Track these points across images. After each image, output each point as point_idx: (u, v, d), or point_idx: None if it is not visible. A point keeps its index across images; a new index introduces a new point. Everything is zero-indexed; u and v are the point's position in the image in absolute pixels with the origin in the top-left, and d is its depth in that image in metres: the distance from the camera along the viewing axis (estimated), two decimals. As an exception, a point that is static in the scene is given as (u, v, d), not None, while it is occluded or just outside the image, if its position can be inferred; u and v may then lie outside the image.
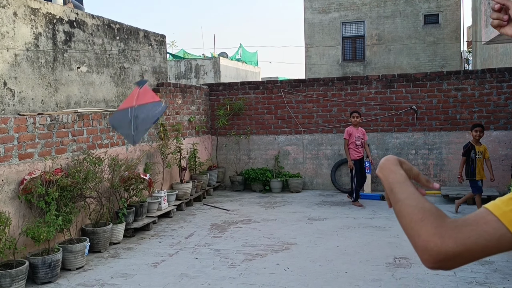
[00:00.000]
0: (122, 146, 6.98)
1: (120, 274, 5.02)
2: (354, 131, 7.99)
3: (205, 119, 10.02)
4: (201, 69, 19.36)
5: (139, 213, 6.75)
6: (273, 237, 6.28)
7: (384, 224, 6.79)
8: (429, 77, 9.02)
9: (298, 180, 9.50)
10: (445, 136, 8.93)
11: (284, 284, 4.60)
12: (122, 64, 7.42)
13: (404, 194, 1.06)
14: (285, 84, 9.82)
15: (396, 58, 18.26)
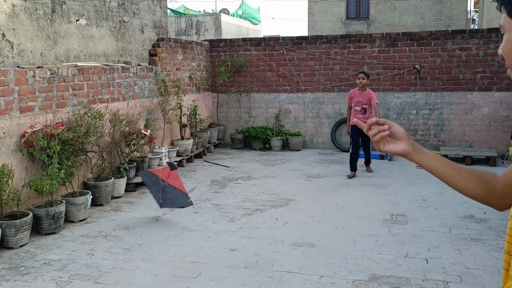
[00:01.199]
0: (122, 102, 6.96)
1: (122, 227, 5.13)
2: (356, 94, 7.25)
3: (206, 75, 9.93)
4: (202, 26, 19.03)
5: (140, 168, 6.81)
6: (273, 193, 6.36)
7: (383, 182, 6.87)
8: (433, 36, 8.87)
9: (298, 139, 9.53)
10: (447, 97, 8.89)
11: (283, 238, 4.71)
12: (122, 17, 7.28)
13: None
14: (287, 41, 9.67)
15: (401, 17, 17.90)
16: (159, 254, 4.37)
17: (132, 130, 6.55)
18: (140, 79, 7.43)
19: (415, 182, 6.83)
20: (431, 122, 9.01)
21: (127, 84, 7.08)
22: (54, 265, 4.15)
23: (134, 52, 7.63)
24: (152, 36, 8.12)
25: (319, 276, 3.86)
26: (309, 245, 4.53)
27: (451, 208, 5.57)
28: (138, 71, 7.38)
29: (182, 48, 8.87)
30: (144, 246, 4.56)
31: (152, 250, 4.47)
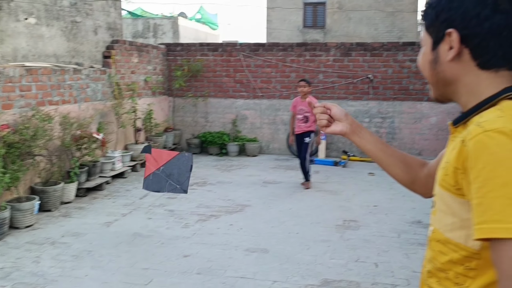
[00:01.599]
0: (74, 104, 6.74)
1: (72, 233, 4.96)
2: (299, 102, 6.93)
3: (162, 79, 9.80)
4: (159, 29, 18.79)
5: (92, 172, 6.62)
6: (228, 199, 6.35)
7: (336, 188, 7.00)
8: (385, 47, 9.17)
9: (254, 144, 9.57)
10: (398, 106, 9.19)
11: (237, 244, 4.70)
12: (74, 17, 7.07)
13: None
14: (244, 48, 9.72)
15: (355, 27, 18.39)
16: (110, 261, 4.25)
17: (83, 134, 6.36)
18: (93, 81, 7.23)
19: (367, 189, 7.00)
20: (383, 130, 9.29)
21: (79, 86, 6.87)
22: (-4, 274, 3.94)
23: (87, 53, 7.43)
24: (106, 37, 7.94)
25: (272, 281, 3.87)
26: (263, 250, 4.54)
27: (400, 214, 5.74)
28: (91, 73, 7.19)
29: (137, 51, 8.71)
30: (94, 253, 4.42)
31: (102, 257, 4.34)
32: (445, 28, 1.08)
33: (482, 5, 1.02)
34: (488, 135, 0.93)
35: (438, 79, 1.14)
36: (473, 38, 1.04)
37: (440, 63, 1.12)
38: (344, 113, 1.48)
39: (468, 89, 1.09)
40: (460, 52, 1.07)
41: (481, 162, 0.92)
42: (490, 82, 1.06)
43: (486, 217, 0.90)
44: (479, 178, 0.92)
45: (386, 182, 7.40)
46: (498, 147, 0.91)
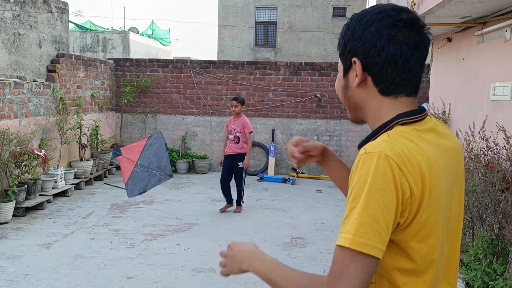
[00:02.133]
0: (14, 119, 6.45)
1: (7, 256, 4.69)
2: (231, 122, 6.56)
3: (110, 95, 9.59)
4: (109, 43, 18.44)
5: (32, 191, 6.33)
6: (176, 217, 6.24)
7: (284, 206, 7.06)
8: (333, 67, 9.44)
9: (204, 162, 9.51)
10: (344, 124, 9.45)
11: (183, 264, 4.61)
12: (17, 30, 6.82)
13: (283, 280, 1.12)
14: (195, 64, 9.71)
15: (305, 47, 18.85)
16: (48, 284, 4.05)
17: (23, 150, 6.08)
18: (35, 96, 6.96)
19: (315, 206, 7.11)
20: (331, 148, 9.50)
21: (20, 101, 6.59)
22: None
23: (30, 67, 7.16)
24: (51, 51, 7.69)
25: (218, 302, 3.82)
26: (210, 270, 4.48)
27: (346, 231, 5.85)
28: (34, 87, 6.92)
29: (84, 65, 8.50)
30: (31, 277, 4.20)
31: (40, 281, 4.13)
32: (351, 56, 1.17)
33: (378, 37, 1.11)
34: (364, 157, 1.04)
35: (349, 103, 1.23)
36: (373, 67, 1.14)
37: (350, 89, 1.21)
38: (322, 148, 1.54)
39: (373, 113, 1.18)
40: (365, 79, 1.16)
41: (355, 180, 1.04)
42: (391, 107, 1.15)
43: (344, 228, 1.03)
44: (352, 194, 1.04)
45: (333, 199, 7.55)
46: (367, 169, 1.02)
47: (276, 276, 1.14)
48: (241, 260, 1.26)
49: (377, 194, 1.00)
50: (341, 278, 0.99)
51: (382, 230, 1.00)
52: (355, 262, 0.99)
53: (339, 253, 1.01)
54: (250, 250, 1.27)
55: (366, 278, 0.99)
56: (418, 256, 1.08)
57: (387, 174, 1.00)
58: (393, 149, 1.03)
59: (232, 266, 1.29)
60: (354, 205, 1.02)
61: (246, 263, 1.24)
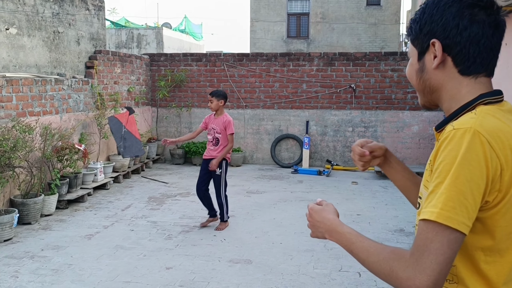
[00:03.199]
0: (55, 115, 6.67)
1: (52, 246, 4.87)
2: (211, 120, 5.53)
3: (145, 90, 9.77)
4: (143, 39, 18.75)
5: (73, 184, 6.54)
6: (211, 209, 6.31)
7: (320, 198, 7.01)
8: (368, 57, 9.28)
9: (238, 154, 9.56)
10: (380, 115, 9.29)
11: (220, 255, 4.67)
12: (56, 27, 7.02)
13: (364, 253, 1.13)
14: (228, 58, 9.74)
15: (339, 38, 18.59)
16: (91, 274, 4.18)
17: (65, 145, 6.28)
18: (75, 92, 7.17)
19: (351, 198, 7.03)
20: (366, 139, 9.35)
21: (61, 97, 6.81)
22: (-28, 289, 3.85)
23: (69, 64, 7.37)
24: (89, 48, 7.89)
25: (255, 292, 3.85)
26: (247, 261, 4.52)
27: (383, 223, 5.78)
28: (73, 83, 7.13)
29: (120, 61, 8.68)
30: (75, 267, 4.35)
31: (83, 270, 4.27)
32: (428, 39, 1.18)
33: (460, 17, 1.13)
34: (454, 133, 1.03)
35: (424, 86, 1.23)
36: (454, 47, 1.14)
37: (426, 72, 1.21)
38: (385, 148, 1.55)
39: (451, 95, 1.18)
40: (444, 60, 1.16)
41: (443, 155, 1.03)
42: (471, 88, 1.15)
43: (429, 203, 1.01)
44: (438, 169, 1.03)
45: (369, 191, 7.45)
46: (456, 144, 1.01)
47: (357, 249, 1.15)
48: (322, 231, 1.29)
49: (466, 169, 0.99)
50: (425, 252, 0.98)
51: (470, 206, 0.98)
52: (440, 237, 0.97)
53: (423, 227, 1.00)
54: (329, 221, 1.28)
55: (451, 254, 0.98)
56: (503, 235, 1.06)
57: (478, 150, 1.00)
58: (482, 125, 1.04)
59: (316, 233, 1.32)
60: (440, 180, 1.01)
61: (328, 234, 1.27)
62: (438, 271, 0.97)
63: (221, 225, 5.51)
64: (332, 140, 9.47)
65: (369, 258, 1.11)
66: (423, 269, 0.98)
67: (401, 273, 1.01)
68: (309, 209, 1.36)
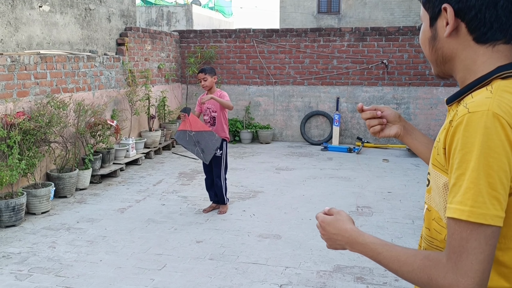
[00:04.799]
0: (88, 91, 6.79)
1: (86, 219, 5.02)
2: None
3: (175, 66, 9.81)
4: (173, 17, 18.75)
5: (106, 159, 6.69)
6: (241, 185, 6.36)
7: (350, 175, 6.96)
8: (401, 31, 9.01)
9: (268, 132, 9.55)
10: (413, 91, 9.06)
11: (250, 230, 4.71)
12: (87, 5, 7.09)
13: (395, 264, 1.05)
14: (258, 34, 9.64)
15: (371, 12, 18.10)
16: (124, 246, 4.30)
17: (97, 121, 6.41)
18: (106, 69, 7.26)
19: (381, 175, 6.94)
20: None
21: (93, 74, 6.91)
22: (13, 258, 4.02)
23: (101, 41, 7.45)
24: (119, 25, 7.95)
25: (284, 267, 3.88)
26: (276, 236, 4.54)
27: (414, 200, 5.69)
28: (105, 60, 7.22)
29: (150, 38, 8.72)
30: (108, 239, 4.48)
31: (117, 242, 4.39)
32: (440, 3, 1.07)
33: None
34: (470, 117, 0.94)
35: (437, 56, 1.13)
36: (468, 11, 1.02)
37: (438, 39, 1.10)
38: (398, 115, 1.44)
39: (465, 65, 1.07)
40: (457, 27, 1.05)
41: (460, 143, 0.94)
42: (487, 58, 1.04)
43: (453, 198, 0.94)
44: (456, 159, 0.94)
45: (400, 168, 7.33)
46: (475, 131, 0.92)
47: (385, 259, 1.07)
48: (341, 243, 1.19)
49: (490, 157, 0.91)
50: (463, 253, 0.92)
51: (500, 196, 0.91)
52: (476, 235, 0.91)
53: (455, 227, 0.93)
54: (347, 233, 1.17)
55: (491, 250, 0.92)
56: None
57: (500, 135, 0.91)
58: (500, 106, 0.93)
59: (334, 245, 1.22)
60: (462, 172, 0.93)
61: (349, 246, 1.17)
62: (481, 271, 0.91)
63: (223, 208, 5.29)
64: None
65: (402, 268, 1.03)
66: (464, 272, 0.91)
67: (441, 280, 0.94)
68: (320, 221, 1.24)
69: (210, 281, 3.64)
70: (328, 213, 1.27)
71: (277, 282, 3.62)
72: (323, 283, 3.62)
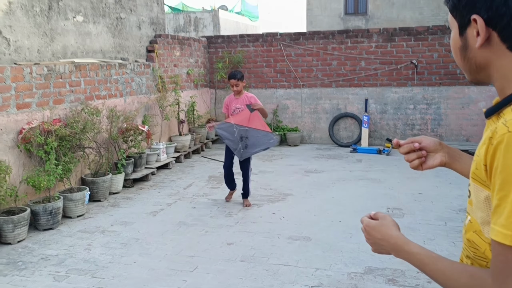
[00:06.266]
0: (120, 98, 6.97)
1: (120, 222, 5.16)
2: (233, 101, 5.67)
3: (204, 72, 9.95)
4: (200, 23, 19.00)
5: (138, 164, 6.84)
6: (270, 188, 6.39)
7: (379, 177, 6.89)
8: (431, 30, 8.88)
9: (296, 134, 9.55)
10: (444, 91, 8.90)
11: (279, 232, 4.73)
12: (119, 14, 7.29)
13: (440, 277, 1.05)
14: (284, 37, 9.68)
15: (399, 12, 17.87)
16: (156, 248, 4.40)
17: (129, 126, 6.57)
18: (137, 76, 7.44)
19: (412, 176, 6.85)
20: (429, 116, 9.03)
21: (125, 81, 7.09)
22: (51, 260, 4.17)
23: (131, 48, 7.64)
24: (149, 32, 8.13)
25: (315, 269, 3.89)
26: (306, 238, 4.55)
27: (446, 202, 5.59)
28: (136, 67, 7.39)
29: (179, 45, 8.88)
30: (141, 241, 4.59)
31: (149, 244, 4.50)
32: (468, 12, 1.01)
33: None
34: (510, 137, 0.90)
35: (470, 65, 1.07)
36: (500, 20, 0.96)
37: (470, 49, 1.04)
38: (438, 142, 1.37)
39: (502, 74, 1.01)
40: (489, 36, 0.99)
41: (502, 164, 0.91)
42: None
43: (497, 219, 0.92)
44: (498, 180, 0.92)
45: (432, 169, 7.20)
46: None
47: (431, 271, 1.07)
48: (387, 249, 1.18)
49: None
50: (509, 277, 0.91)
51: None
52: None
53: (500, 250, 0.92)
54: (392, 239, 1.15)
55: None
56: None
57: None
58: None
59: (380, 250, 1.22)
60: (505, 194, 0.90)
61: (394, 253, 1.16)
62: None
63: (247, 201, 5.70)
64: (393, 118, 9.21)
65: (447, 282, 1.03)
66: None
67: None
68: (364, 226, 1.22)
69: (241, 282, 3.68)
70: (373, 217, 1.25)
71: (307, 284, 3.63)
72: (354, 285, 3.61)
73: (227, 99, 5.78)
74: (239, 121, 5.33)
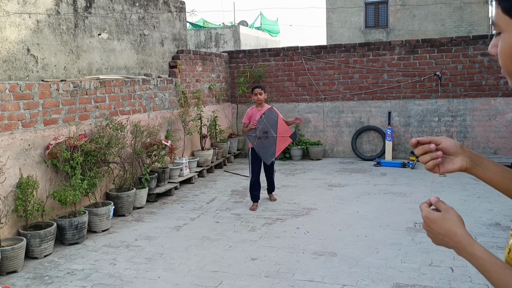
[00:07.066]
0: (143, 113, 7.05)
1: (144, 237, 5.17)
2: (256, 112, 6.15)
3: (225, 86, 10.01)
4: (221, 38, 19.21)
5: (161, 178, 6.87)
6: (293, 202, 6.33)
7: (405, 190, 6.76)
8: (454, 42, 8.76)
9: (318, 148, 9.49)
10: (469, 103, 8.74)
11: (304, 247, 4.67)
12: (142, 31, 7.41)
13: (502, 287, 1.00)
14: (305, 51, 9.68)
15: (420, 24, 17.73)
16: (180, 263, 4.38)
17: (153, 141, 6.62)
18: (160, 91, 7.52)
19: (438, 190, 6.70)
20: (454, 129, 8.86)
21: (148, 96, 7.18)
22: (77, 274, 4.19)
23: (155, 64, 7.75)
24: (172, 48, 8.24)
25: (341, 285, 3.80)
26: (331, 254, 4.48)
27: (476, 216, 5.44)
28: (159, 83, 7.48)
29: (201, 60, 8.96)
30: (166, 256, 4.58)
31: (173, 259, 4.48)
32: None
33: None
34: None
35: None
36: None
37: None
38: (459, 145, 1.24)
39: None
40: None
41: None
42: None
43: None
44: None
45: (458, 183, 7.05)
46: None
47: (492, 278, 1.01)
48: (449, 245, 1.10)
49: None
50: None
51: None
52: None
53: None
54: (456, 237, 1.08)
55: None
56: None
57: None
58: None
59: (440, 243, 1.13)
60: None
61: (456, 251, 1.09)
62: None
63: (273, 196, 6.52)
64: (417, 131, 9.07)
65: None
66: None
67: None
68: (424, 217, 1.14)
69: (266, 298, 3.62)
70: (435, 205, 1.16)
71: (334, 300, 3.55)
72: (383, 302, 3.51)
73: (249, 110, 6.31)
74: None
